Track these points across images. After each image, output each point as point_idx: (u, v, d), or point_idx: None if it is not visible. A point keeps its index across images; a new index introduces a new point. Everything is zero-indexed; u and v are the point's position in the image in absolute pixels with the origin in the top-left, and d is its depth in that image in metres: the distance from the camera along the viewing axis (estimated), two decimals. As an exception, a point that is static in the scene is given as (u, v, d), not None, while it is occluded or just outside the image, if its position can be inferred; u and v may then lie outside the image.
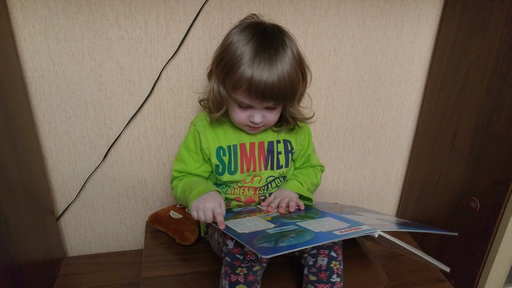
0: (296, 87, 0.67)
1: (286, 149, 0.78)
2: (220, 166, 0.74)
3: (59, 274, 0.92)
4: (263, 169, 0.76)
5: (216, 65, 0.69)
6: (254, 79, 0.62)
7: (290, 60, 0.65)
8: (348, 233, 0.58)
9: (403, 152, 1.10)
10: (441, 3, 0.93)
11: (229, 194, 0.77)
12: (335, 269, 0.68)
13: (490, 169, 0.80)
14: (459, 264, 0.92)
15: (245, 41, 0.64)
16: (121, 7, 0.78)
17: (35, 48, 0.77)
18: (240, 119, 0.70)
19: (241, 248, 0.64)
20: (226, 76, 0.66)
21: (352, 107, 1.00)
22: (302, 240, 0.56)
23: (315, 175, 0.83)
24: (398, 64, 0.97)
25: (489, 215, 0.81)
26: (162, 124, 0.90)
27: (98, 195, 0.94)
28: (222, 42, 0.69)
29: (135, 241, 1.03)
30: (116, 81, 0.84)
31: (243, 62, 0.63)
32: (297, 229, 0.61)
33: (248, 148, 0.75)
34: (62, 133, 0.86)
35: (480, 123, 0.82)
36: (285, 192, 0.77)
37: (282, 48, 0.65)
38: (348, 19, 0.89)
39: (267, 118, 0.70)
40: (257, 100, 0.65)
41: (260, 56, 0.62)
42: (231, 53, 0.65)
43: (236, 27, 0.69)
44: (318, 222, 0.64)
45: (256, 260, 0.64)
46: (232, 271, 0.64)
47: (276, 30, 0.67)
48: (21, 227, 0.72)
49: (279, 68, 0.63)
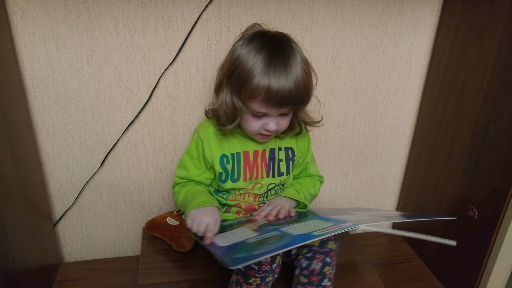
0: (310, 90, 0.68)
1: (287, 156, 0.78)
2: (223, 173, 0.75)
3: (56, 280, 0.92)
4: (264, 176, 0.76)
5: (227, 78, 0.68)
6: (272, 87, 0.62)
7: (301, 65, 0.65)
8: (326, 232, 0.58)
9: (400, 159, 1.10)
10: (439, 11, 0.93)
11: (230, 200, 0.77)
12: (328, 273, 0.69)
13: (488, 178, 0.80)
14: (456, 274, 0.91)
15: (256, 51, 0.64)
16: (120, 15, 0.78)
17: (34, 55, 0.78)
18: (254, 129, 0.70)
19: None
20: (241, 87, 0.65)
21: (349, 115, 1.00)
22: (278, 245, 0.56)
23: (313, 186, 0.82)
24: (395, 71, 0.98)
25: (487, 224, 0.81)
26: (160, 130, 0.90)
27: (96, 201, 0.94)
28: (230, 56, 0.69)
29: (131, 247, 1.03)
30: (114, 88, 0.84)
31: (258, 72, 0.63)
32: (277, 235, 0.61)
33: (251, 156, 0.75)
34: (60, 139, 0.86)
35: (478, 131, 0.82)
36: (278, 200, 0.77)
37: (293, 54, 0.65)
38: (345, 27, 0.90)
39: (280, 125, 0.70)
40: (275, 107, 0.66)
41: (275, 63, 0.63)
42: (243, 64, 0.65)
43: (241, 39, 0.68)
44: (302, 225, 0.64)
45: (271, 271, 0.64)
46: (245, 280, 0.64)
47: (283, 37, 0.68)
48: (18, 233, 0.72)
49: (294, 73, 0.64)
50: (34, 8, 0.75)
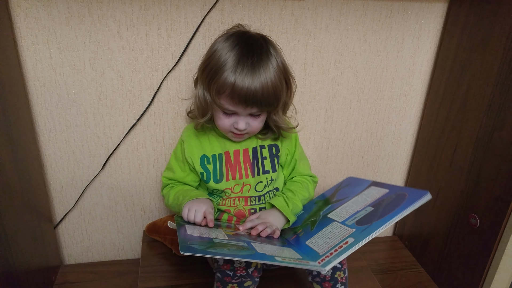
0: (280, 95, 0.68)
1: (271, 153, 0.78)
2: (204, 173, 0.76)
3: (56, 282, 0.92)
4: (250, 176, 0.76)
5: (201, 71, 0.70)
6: (237, 84, 0.64)
7: (273, 68, 0.66)
8: (289, 262, 0.58)
9: (402, 166, 1.10)
10: (443, 17, 0.93)
11: (220, 205, 0.77)
12: (339, 278, 0.69)
13: (490, 186, 0.80)
14: (457, 282, 0.90)
15: (229, 48, 0.66)
16: (123, 18, 0.78)
17: (37, 57, 0.78)
18: (224, 126, 0.71)
19: (231, 264, 0.64)
20: (210, 82, 0.67)
21: (351, 120, 1.00)
22: (235, 253, 0.57)
23: (306, 189, 0.80)
24: (398, 78, 0.97)
25: (489, 232, 0.81)
26: (162, 134, 0.90)
27: (96, 203, 0.94)
28: (208, 50, 0.71)
29: (132, 250, 1.03)
30: (116, 91, 0.84)
31: (226, 68, 0.64)
32: (242, 245, 0.61)
33: (232, 155, 0.76)
34: (62, 142, 0.86)
35: (481, 139, 0.82)
36: (270, 217, 0.73)
37: (266, 56, 0.66)
38: (348, 33, 0.90)
39: (251, 125, 0.71)
40: (241, 105, 0.66)
41: (243, 62, 0.64)
42: (216, 59, 0.66)
43: (221, 36, 0.70)
44: (272, 248, 0.63)
45: (247, 276, 0.64)
46: (223, 286, 0.65)
47: (260, 39, 0.69)
48: (18, 234, 0.72)
49: (262, 75, 0.64)
50: (38, 10, 0.75)
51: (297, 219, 0.77)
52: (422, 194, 0.64)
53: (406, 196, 0.67)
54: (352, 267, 0.84)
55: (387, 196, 0.71)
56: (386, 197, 0.71)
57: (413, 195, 0.66)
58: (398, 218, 0.63)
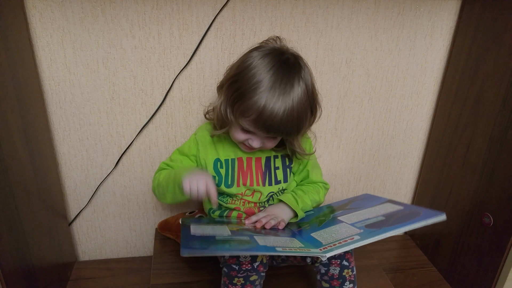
0: (302, 125, 0.67)
1: (284, 163, 0.78)
2: (216, 177, 0.75)
3: (71, 278, 0.94)
4: (261, 184, 0.76)
5: (229, 84, 0.67)
6: (264, 112, 0.62)
7: (303, 97, 0.64)
8: (289, 251, 0.59)
9: (413, 164, 1.09)
10: (456, 15, 0.92)
11: (229, 203, 0.78)
12: (347, 276, 0.69)
13: (504, 185, 0.79)
14: (470, 281, 0.90)
15: (265, 69, 0.63)
16: (135, 17, 0.79)
17: (52, 57, 0.79)
18: (239, 138, 0.70)
19: (237, 258, 0.64)
20: (236, 102, 0.65)
21: (362, 119, 0.99)
22: (237, 247, 0.57)
23: (317, 192, 0.80)
24: (410, 76, 0.97)
25: (502, 231, 0.80)
26: (173, 133, 0.91)
27: (109, 201, 0.96)
28: (241, 62, 0.67)
29: (144, 248, 1.04)
30: (129, 90, 0.85)
31: (257, 93, 0.62)
32: (244, 239, 0.61)
33: (245, 162, 0.76)
34: (76, 140, 0.88)
35: (495, 137, 0.81)
36: (276, 209, 0.74)
37: (298, 84, 0.64)
38: (360, 31, 0.89)
39: (266, 145, 0.71)
40: (262, 132, 0.66)
41: (275, 89, 0.62)
42: (248, 77, 0.63)
43: (257, 49, 0.67)
44: (275, 239, 0.64)
45: (253, 270, 0.65)
46: (230, 281, 0.65)
47: (296, 64, 0.66)
48: (36, 231, 0.73)
49: (289, 107, 0.62)
50: (52, 10, 0.76)
51: (304, 217, 0.78)
52: (437, 214, 0.64)
53: (420, 214, 0.67)
54: (363, 266, 0.84)
55: (401, 211, 0.71)
56: (400, 212, 0.71)
57: (428, 213, 0.66)
58: (409, 228, 0.63)
